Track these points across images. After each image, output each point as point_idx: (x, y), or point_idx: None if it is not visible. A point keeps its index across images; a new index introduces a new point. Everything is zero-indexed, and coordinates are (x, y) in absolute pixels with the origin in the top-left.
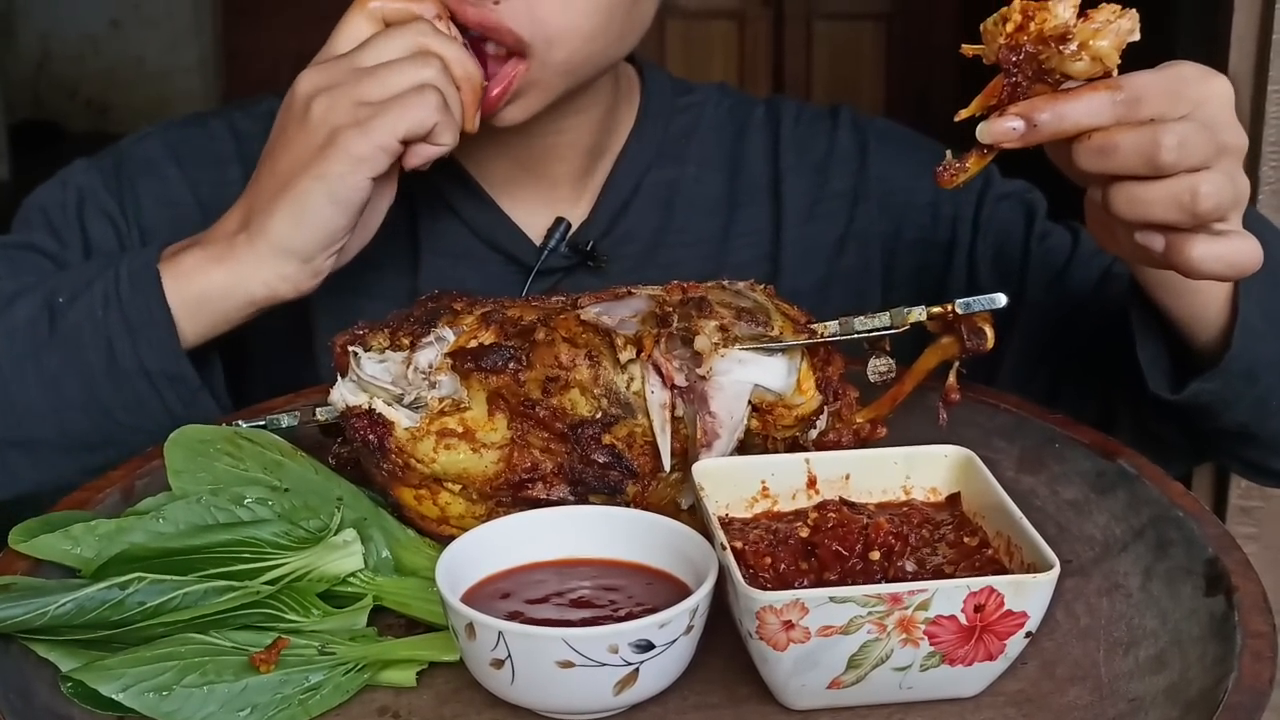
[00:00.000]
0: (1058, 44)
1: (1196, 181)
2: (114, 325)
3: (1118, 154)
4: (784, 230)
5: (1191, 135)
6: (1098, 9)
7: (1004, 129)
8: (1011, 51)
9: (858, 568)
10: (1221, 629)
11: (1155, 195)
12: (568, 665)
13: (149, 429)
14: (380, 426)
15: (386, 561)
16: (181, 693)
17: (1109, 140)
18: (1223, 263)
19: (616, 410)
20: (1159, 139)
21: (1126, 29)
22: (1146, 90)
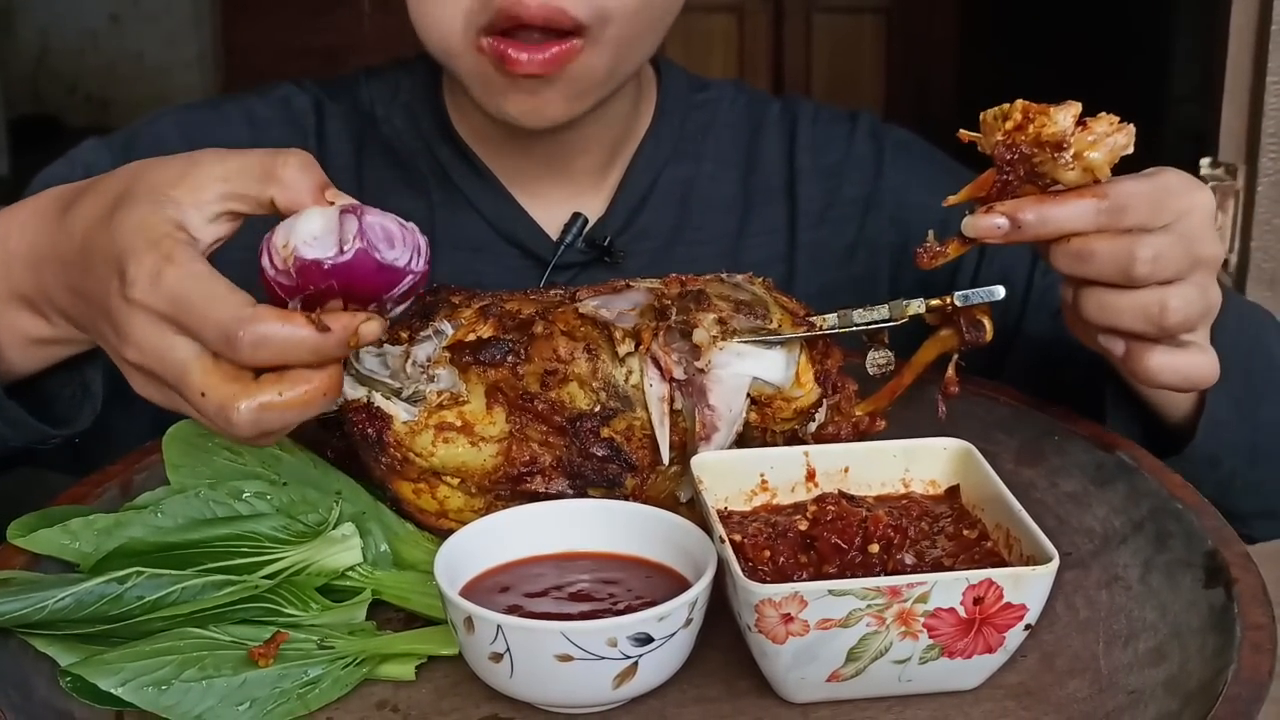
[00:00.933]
0: (1053, 150)
1: (1166, 295)
2: None
3: (1094, 261)
4: (798, 232)
5: (1168, 249)
6: (1096, 119)
7: (989, 225)
8: (1007, 150)
9: (857, 560)
10: (1221, 621)
11: (1125, 304)
12: (567, 659)
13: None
14: (379, 420)
15: (385, 555)
16: (180, 687)
17: (1086, 246)
18: (1178, 376)
19: (615, 403)
20: (1135, 251)
21: (1121, 145)
22: (1131, 200)
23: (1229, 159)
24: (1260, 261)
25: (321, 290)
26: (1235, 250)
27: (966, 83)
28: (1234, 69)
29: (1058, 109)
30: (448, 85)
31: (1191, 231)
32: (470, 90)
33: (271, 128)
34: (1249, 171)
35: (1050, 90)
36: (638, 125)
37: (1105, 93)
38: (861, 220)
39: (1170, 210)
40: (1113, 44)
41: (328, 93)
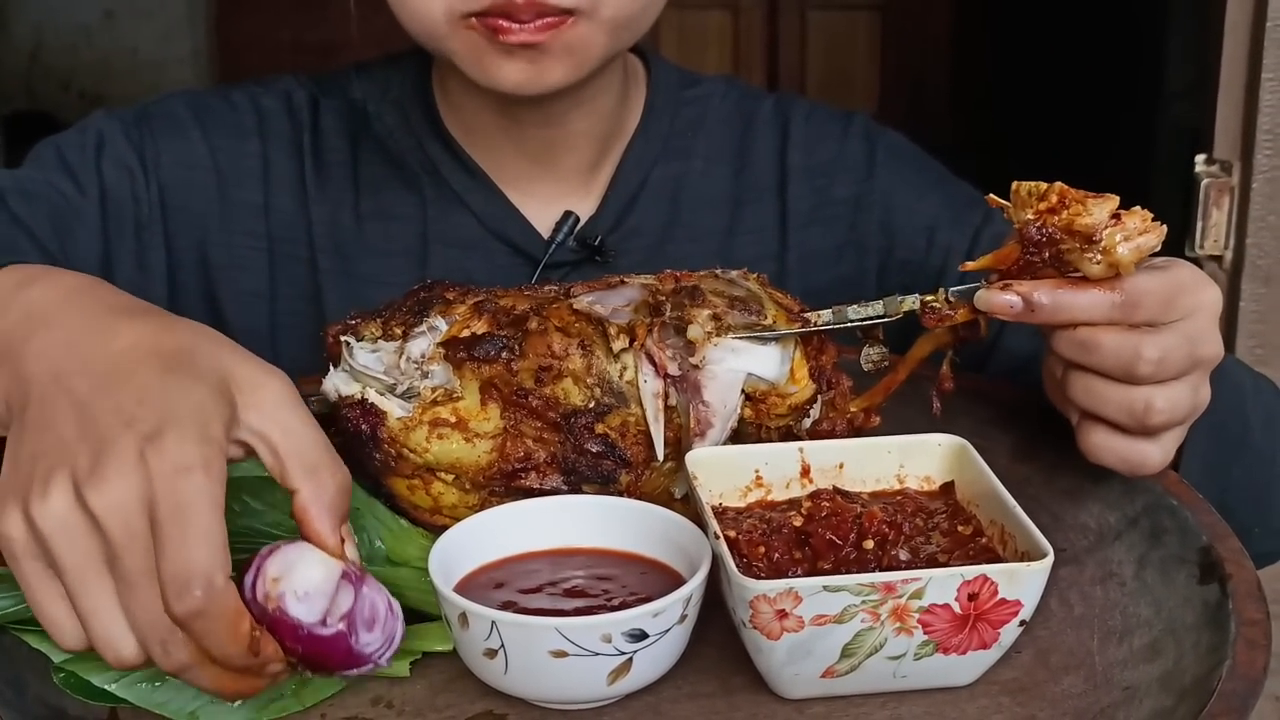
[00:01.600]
0: (1083, 241)
1: (1154, 396)
2: None
3: (1098, 353)
4: (789, 231)
5: (1174, 349)
6: (1130, 213)
7: (1002, 303)
8: (1037, 231)
9: (851, 556)
10: (1215, 617)
11: (1112, 396)
12: (561, 655)
13: None
14: (373, 416)
15: (379, 551)
16: (174, 683)
17: (1094, 338)
18: (1118, 460)
19: (609, 399)
20: (1141, 351)
21: (1150, 246)
22: (1145, 297)
23: (1224, 155)
24: (1255, 258)
25: (283, 641)
26: (1230, 247)
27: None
28: (1229, 65)
29: (1095, 201)
30: (438, 81)
31: (1197, 331)
32: (463, 67)
33: (275, 119)
34: (1244, 168)
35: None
36: (627, 121)
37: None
38: (851, 220)
39: (1180, 308)
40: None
41: (321, 88)
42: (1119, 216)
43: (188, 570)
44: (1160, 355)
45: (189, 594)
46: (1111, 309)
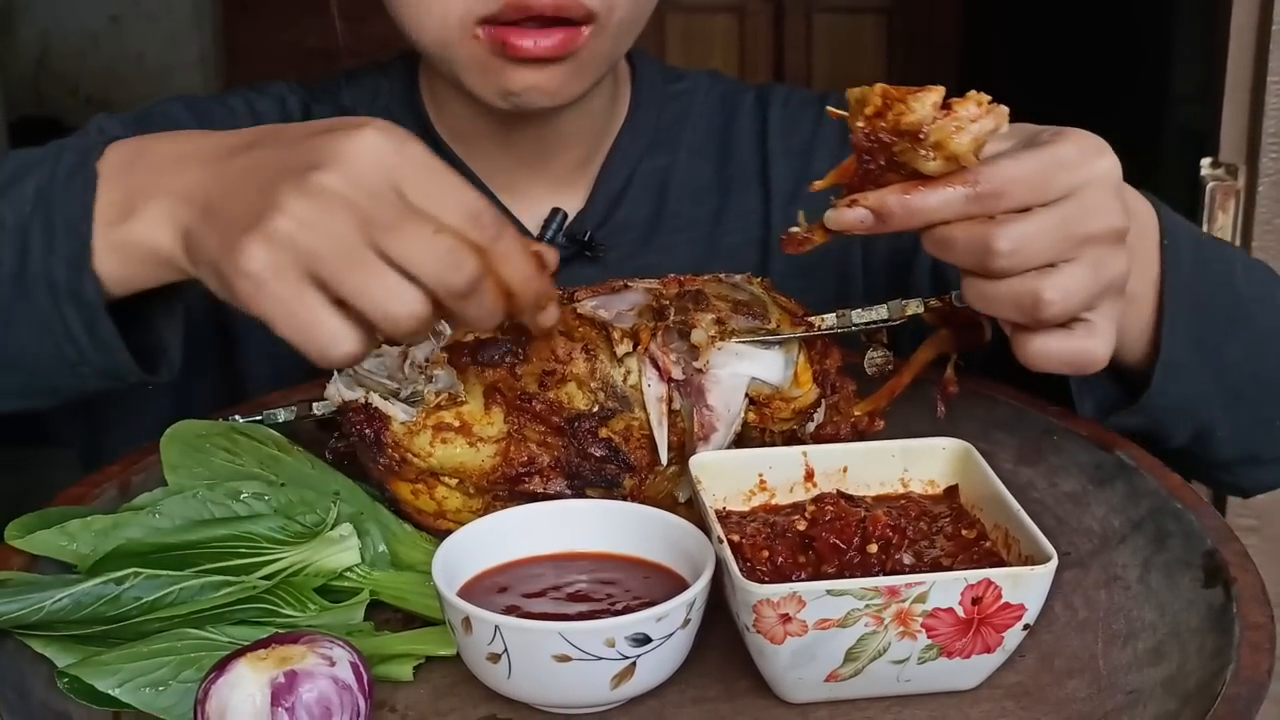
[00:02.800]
0: (913, 140)
1: (1040, 287)
2: (35, 225)
3: (954, 250)
4: (772, 214)
5: (1037, 236)
6: (962, 100)
7: (852, 219)
8: (866, 138)
9: (855, 560)
10: (1220, 621)
11: (998, 294)
12: (564, 659)
13: (52, 357)
14: (376, 421)
15: (383, 556)
16: (178, 688)
17: (947, 234)
18: (1057, 361)
19: (613, 404)
20: (990, 243)
21: (987, 129)
22: (1008, 184)
23: (1230, 159)
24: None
25: None
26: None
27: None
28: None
29: (916, 95)
30: (426, 86)
31: (1083, 209)
32: (465, 78)
33: (271, 122)
34: (1250, 172)
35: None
36: (614, 118)
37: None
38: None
39: (1059, 186)
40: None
41: (313, 95)
42: (950, 107)
43: (467, 207)
44: (1014, 245)
45: (481, 224)
46: (968, 203)
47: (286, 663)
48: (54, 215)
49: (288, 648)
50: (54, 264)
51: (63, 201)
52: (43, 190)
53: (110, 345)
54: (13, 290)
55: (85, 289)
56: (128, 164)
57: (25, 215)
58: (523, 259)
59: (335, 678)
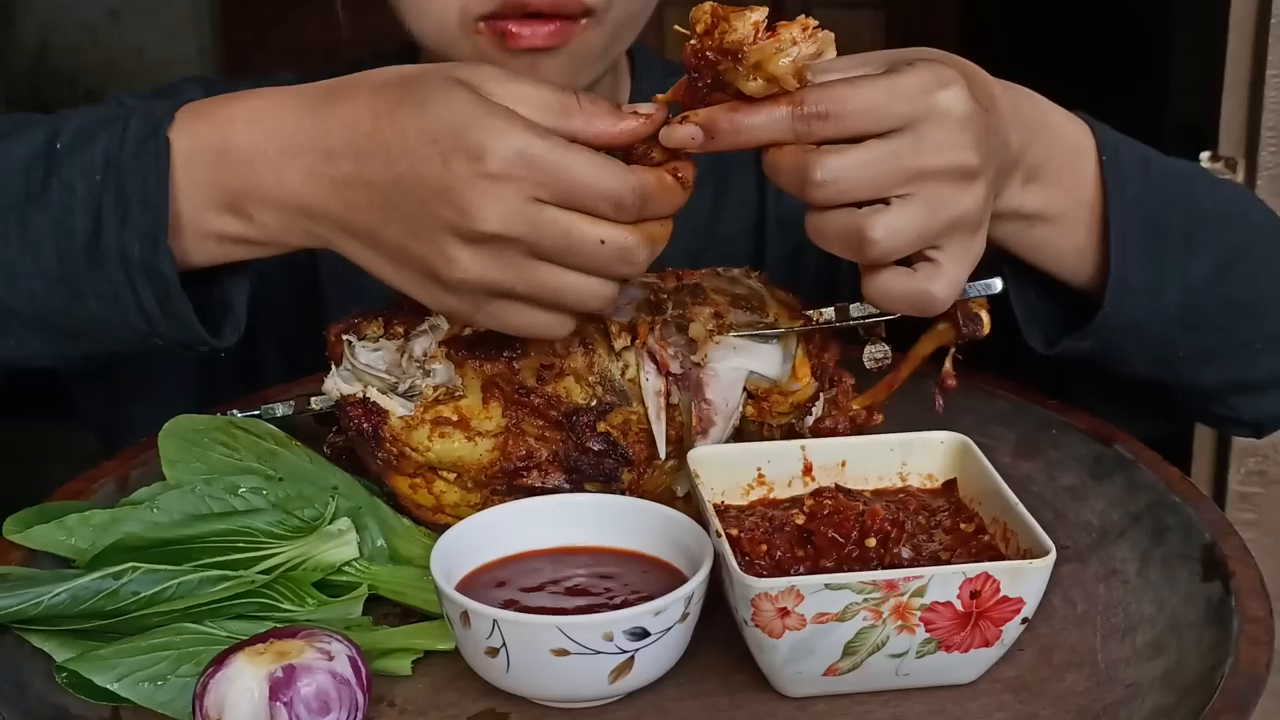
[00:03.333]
0: (734, 59)
1: (866, 224)
2: (107, 195)
3: (779, 175)
4: (768, 199)
5: (855, 167)
6: (787, 25)
7: (682, 136)
8: (693, 55)
9: (854, 554)
10: (1218, 614)
11: (826, 227)
12: (563, 653)
13: (121, 329)
14: (375, 415)
15: (381, 550)
16: (176, 682)
17: (774, 158)
18: (897, 301)
19: (611, 398)
20: (808, 171)
21: (808, 53)
22: (837, 106)
23: (1229, 152)
24: None
25: None
26: None
27: None
28: (1234, 62)
29: (739, 14)
30: None
31: (919, 142)
32: None
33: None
34: (1248, 165)
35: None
36: None
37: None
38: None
39: (893, 117)
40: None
41: None
42: (775, 30)
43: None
44: (832, 175)
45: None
46: (795, 123)
47: (285, 657)
48: (127, 187)
49: (286, 642)
50: (128, 239)
51: (136, 173)
52: (113, 157)
53: (183, 319)
54: (85, 261)
55: (161, 265)
56: (213, 153)
57: (96, 184)
58: (665, 200)
59: (333, 672)
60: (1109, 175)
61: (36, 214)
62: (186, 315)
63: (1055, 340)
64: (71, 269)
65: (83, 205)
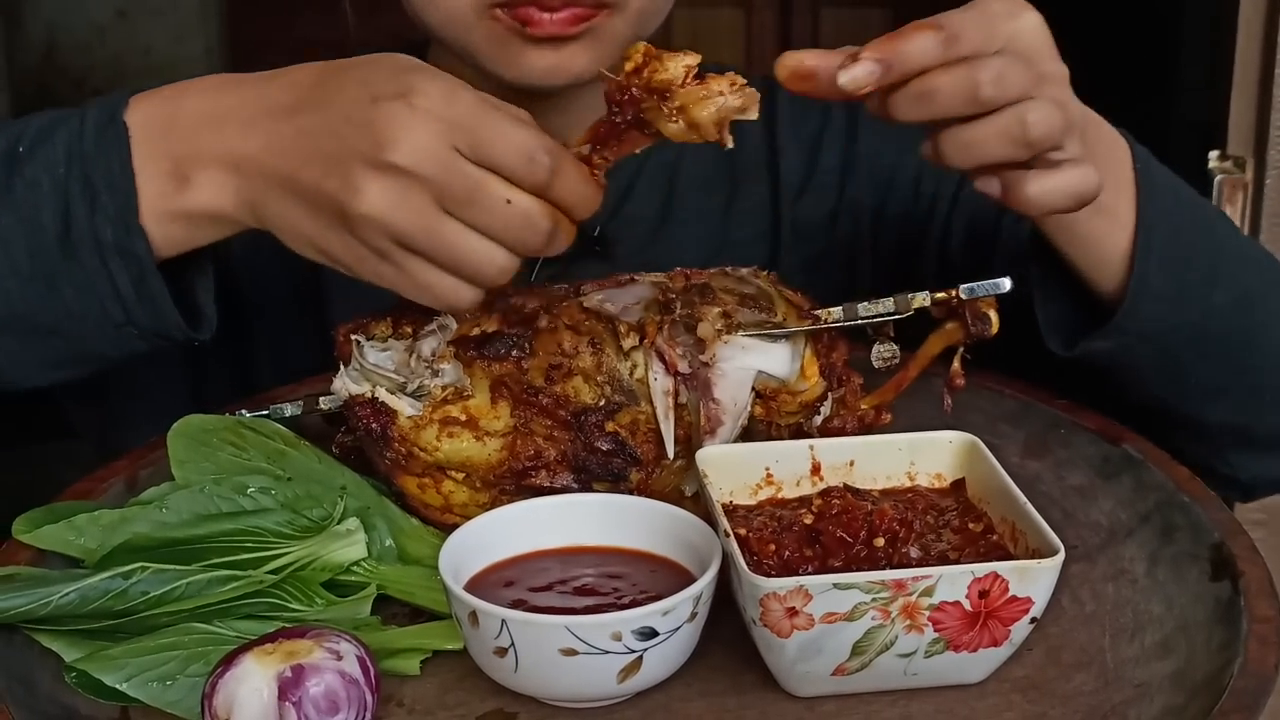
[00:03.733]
0: (660, 98)
1: (1023, 111)
2: (74, 183)
3: (939, 96)
4: (781, 206)
5: (1007, 68)
6: (717, 78)
7: (863, 73)
8: (618, 90)
9: (862, 554)
10: (1227, 614)
11: (984, 133)
12: (571, 653)
13: (97, 318)
14: (383, 415)
15: (390, 550)
16: (185, 682)
17: (928, 84)
18: (1060, 194)
19: (620, 397)
20: (976, 75)
21: (733, 106)
22: (963, 28)
23: (1237, 151)
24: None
25: None
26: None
27: None
28: (1243, 61)
29: (672, 56)
30: None
31: (1028, 50)
32: (482, 59)
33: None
34: (1257, 164)
35: None
36: None
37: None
38: (841, 185)
39: (1001, 35)
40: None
41: None
42: (705, 79)
43: (521, 150)
44: (995, 75)
45: (536, 162)
46: (939, 46)
47: (293, 657)
48: (92, 175)
49: (295, 642)
50: (100, 224)
51: (98, 160)
52: (73, 149)
53: (158, 302)
54: (58, 253)
55: (134, 245)
56: (162, 124)
57: (61, 177)
58: (578, 181)
59: (342, 672)
60: (1142, 183)
61: (4, 215)
62: (161, 296)
63: (1074, 342)
64: (45, 263)
65: (50, 199)
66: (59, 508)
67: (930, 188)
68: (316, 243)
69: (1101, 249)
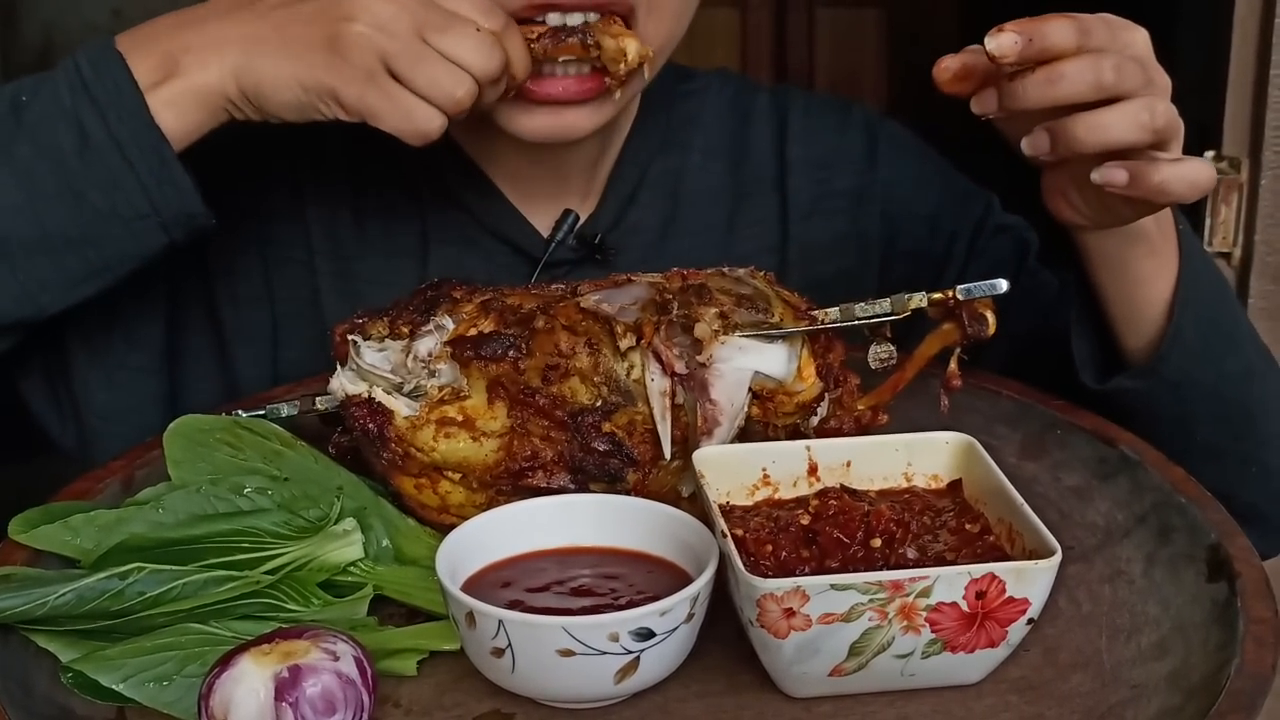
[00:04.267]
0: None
1: (1151, 101)
2: (82, 105)
3: (1065, 79)
4: (789, 224)
5: (1127, 64)
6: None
7: (1008, 41)
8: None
9: (859, 555)
10: (1224, 615)
11: (1116, 116)
12: (568, 654)
13: (124, 215)
14: (380, 415)
15: (387, 550)
16: (182, 683)
17: (1055, 69)
18: (1184, 182)
19: (617, 398)
20: (1101, 63)
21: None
22: (1093, 24)
23: (1232, 153)
24: (1264, 255)
25: None
26: (1239, 245)
27: None
28: (1238, 63)
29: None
30: None
31: (1140, 59)
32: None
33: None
34: (1252, 165)
35: None
36: (623, 118)
37: None
38: (853, 213)
39: (1120, 39)
40: None
41: None
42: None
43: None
44: (1117, 64)
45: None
46: (1075, 32)
47: (290, 657)
48: (98, 96)
49: (291, 642)
50: (115, 127)
51: (101, 80)
52: (74, 83)
53: (180, 185)
54: (79, 164)
55: (151, 137)
56: (146, 38)
57: (68, 106)
58: (521, 41)
59: (339, 672)
60: (1183, 242)
61: (20, 148)
62: (181, 177)
63: (1107, 377)
64: (69, 177)
65: (62, 124)
66: (55, 508)
67: (949, 227)
68: (304, 79)
69: (1149, 291)
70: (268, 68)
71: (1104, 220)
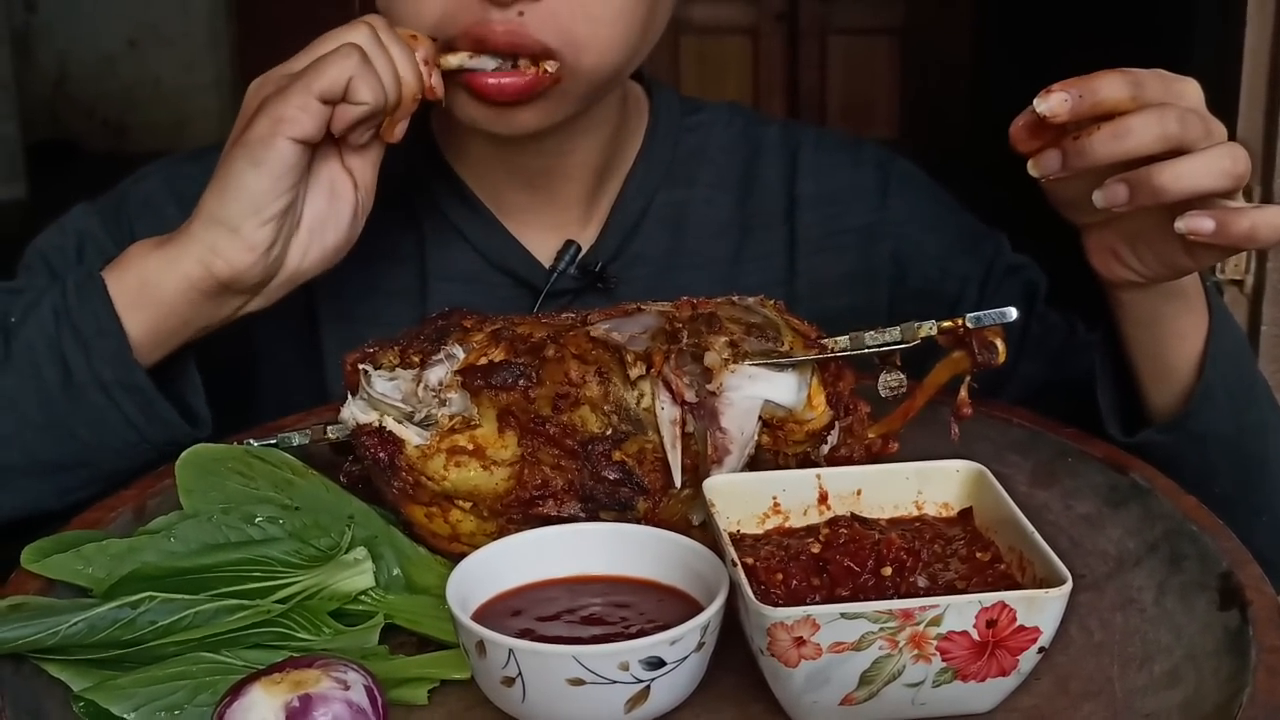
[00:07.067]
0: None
1: (1228, 148)
2: (66, 339)
3: (1132, 132)
4: (797, 260)
5: (1187, 115)
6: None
7: (1058, 101)
8: None
9: (869, 583)
10: (1236, 643)
11: (1199, 165)
12: (578, 683)
13: (114, 445)
14: (391, 444)
15: (398, 579)
16: (193, 712)
17: (1121, 124)
18: (1270, 228)
19: (627, 427)
20: (1166, 115)
21: None
22: (1144, 77)
23: None
24: (1276, 283)
25: None
26: (1250, 270)
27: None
28: (1249, 89)
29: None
30: (435, 115)
31: (1196, 108)
32: None
33: None
34: (1264, 192)
35: None
36: (628, 149)
37: None
38: (863, 250)
39: (1173, 91)
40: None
41: None
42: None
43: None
44: (1180, 115)
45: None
46: (1128, 86)
47: (301, 686)
48: (81, 326)
49: (302, 671)
50: (98, 366)
51: (84, 311)
52: (59, 308)
53: (166, 419)
54: (64, 400)
55: (135, 378)
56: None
57: (52, 335)
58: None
59: (350, 701)
60: (1211, 300)
61: (7, 379)
62: (169, 414)
63: (1133, 429)
64: (55, 410)
65: (46, 356)
66: (67, 537)
67: (960, 269)
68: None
69: (1183, 346)
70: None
71: (1160, 274)
